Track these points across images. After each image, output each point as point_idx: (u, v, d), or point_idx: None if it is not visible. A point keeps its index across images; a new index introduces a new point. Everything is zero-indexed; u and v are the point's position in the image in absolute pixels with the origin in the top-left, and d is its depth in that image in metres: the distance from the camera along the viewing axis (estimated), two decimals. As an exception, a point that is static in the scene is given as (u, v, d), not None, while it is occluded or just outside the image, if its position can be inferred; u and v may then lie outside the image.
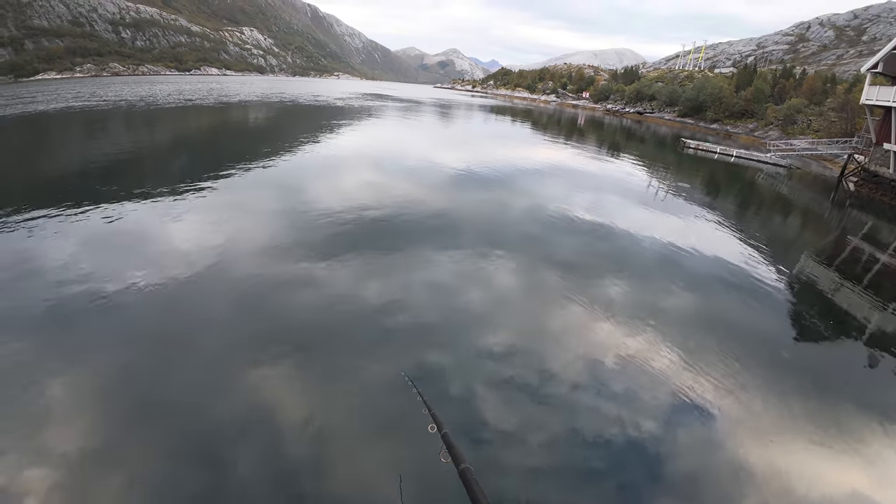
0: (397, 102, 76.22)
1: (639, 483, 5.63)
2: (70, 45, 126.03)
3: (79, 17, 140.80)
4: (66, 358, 6.93)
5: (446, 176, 21.22)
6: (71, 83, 70.52)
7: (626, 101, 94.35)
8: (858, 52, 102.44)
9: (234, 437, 5.69)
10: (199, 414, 6.01)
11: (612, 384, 7.32)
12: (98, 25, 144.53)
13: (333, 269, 10.51)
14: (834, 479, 6.02)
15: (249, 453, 5.44)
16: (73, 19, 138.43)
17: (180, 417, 5.97)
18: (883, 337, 10.33)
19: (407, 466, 5.39)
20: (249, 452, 5.45)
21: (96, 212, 13.05)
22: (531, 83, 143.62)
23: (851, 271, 14.43)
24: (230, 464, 5.31)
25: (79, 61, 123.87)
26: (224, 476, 5.19)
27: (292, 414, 6.12)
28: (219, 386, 6.50)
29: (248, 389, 6.48)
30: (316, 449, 5.63)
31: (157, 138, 26.86)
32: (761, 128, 60.28)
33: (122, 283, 9.08)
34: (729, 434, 6.54)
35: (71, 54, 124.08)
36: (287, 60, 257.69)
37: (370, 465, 5.50)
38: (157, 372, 6.74)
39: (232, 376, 6.71)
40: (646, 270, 12.17)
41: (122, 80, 73.71)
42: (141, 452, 5.40)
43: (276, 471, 5.26)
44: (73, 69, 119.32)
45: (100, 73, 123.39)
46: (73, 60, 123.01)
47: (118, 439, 5.55)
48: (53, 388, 6.27)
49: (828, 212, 23.99)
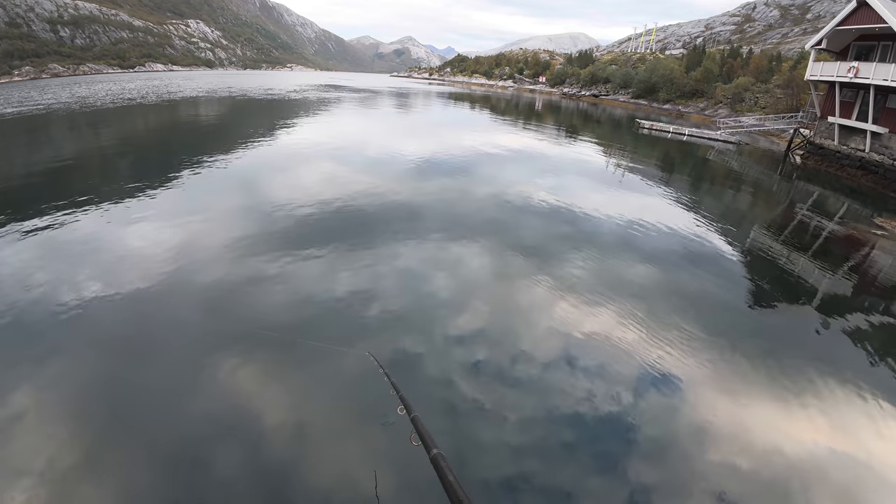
0: (354, 93, 74.76)
1: (612, 451, 5.78)
2: (7, 48, 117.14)
3: (15, 17, 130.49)
4: (29, 370, 6.56)
5: (408, 165, 20.84)
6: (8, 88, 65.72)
7: (581, 85, 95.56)
8: (803, 31, 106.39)
9: (209, 435, 5.61)
10: (173, 416, 5.88)
11: (581, 359, 7.49)
12: (35, 25, 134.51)
13: (299, 263, 10.30)
14: (791, 432, 6.30)
15: (226, 450, 5.38)
16: (9, 21, 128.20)
17: (153, 421, 5.81)
18: (831, 300, 10.73)
19: (380, 452, 5.43)
20: (226, 449, 5.40)
21: (44, 221, 12.10)
22: (488, 69, 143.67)
23: (800, 240, 14.95)
24: (208, 462, 5.24)
25: (17, 64, 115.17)
26: (202, 474, 5.12)
27: (266, 408, 6.06)
28: (190, 386, 6.40)
29: (221, 387, 6.39)
30: (292, 439, 5.61)
31: (103, 141, 25.04)
32: (711, 107, 62.16)
33: (80, 292, 8.62)
34: (693, 397, 6.80)
35: (8, 57, 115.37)
36: (237, 53, 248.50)
37: (344, 452, 5.50)
38: (126, 377, 6.54)
39: (203, 375, 6.60)
40: (607, 249, 12.25)
41: (61, 82, 69.12)
42: (116, 459, 5.26)
43: (253, 464, 5.22)
44: (11, 73, 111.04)
45: (39, 75, 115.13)
46: (11, 64, 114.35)
47: (92, 448, 5.36)
48: (20, 401, 5.97)
49: (776, 184, 24.87)
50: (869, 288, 11.58)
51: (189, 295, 8.76)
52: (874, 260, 13.60)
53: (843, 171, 25.69)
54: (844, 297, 10.92)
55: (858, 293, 11.19)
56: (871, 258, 13.72)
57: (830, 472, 5.72)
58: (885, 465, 5.89)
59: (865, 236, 15.38)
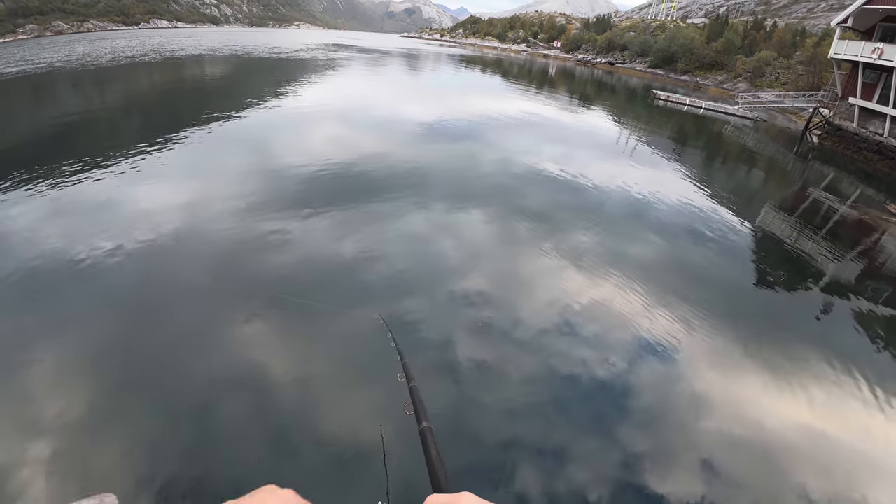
0: (363, 53, 73.04)
1: (609, 414, 6.00)
2: (11, 7, 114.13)
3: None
4: (46, 330, 6.64)
5: (417, 129, 20.57)
6: (12, 46, 64.53)
7: (597, 52, 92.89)
8: (829, 6, 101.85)
9: (221, 391, 5.77)
10: (187, 373, 6.01)
11: (583, 327, 7.65)
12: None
13: (308, 224, 10.38)
14: (784, 409, 6.46)
15: (238, 405, 5.57)
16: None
17: (168, 377, 5.95)
18: (836, 283, 10.70)
19: (381, 415, 5.46)
20: (238, 405, 5.58)
21: (55, 181, 12.08)
22: (501, 32, 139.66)
23: (811, 221, 14.78)
24: (220, 417, 5.41)
25: (21, 22, 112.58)
26: (215, 428, 5.29)
27: (275, 365, 6.22)
28: (203, 344, 6.51)
29: (233, 345, 6.52)
30: (299, 396, 5.80)
31: (110, 101, 24.63)
32: (730, 80, 60.41)
33: (93, 252, 8.68)
34: (690, 369, 6.98)
35: (13, 16, 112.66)
36: (243, 10, 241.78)
37: (347, 411, 5.67)
38: (140, 335, 6.64)
39: (215, 333, 6.72)
40: (614, 220, 12.24)
41: (66, 39, 67.65)
42: (134, 415, 5.40)
43: (262, 418, 5.44)
44: (16, 31, 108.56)
45: (43, 33, 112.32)
46: (16, 22, 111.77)
47: (109, 405, 5.50)
48: (39, 361, 6.07)
49: (791, 164, 24.41)
50: (875, 274, 11.51)
51: (199, 254, 8.84)
52: (883, 246, 13.46)
53: (860, 154, 25.12)
54: (849, 282, 10.87)
55: (864, 279, 11.13)
56: (881, 244, 13.58)
57: (819, 450, 5.88)
58: (874, 446, 6.03)
59: (877, 222, 15.18)
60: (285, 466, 4.93)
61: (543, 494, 4.90)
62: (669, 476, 5.25)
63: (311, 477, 4.91)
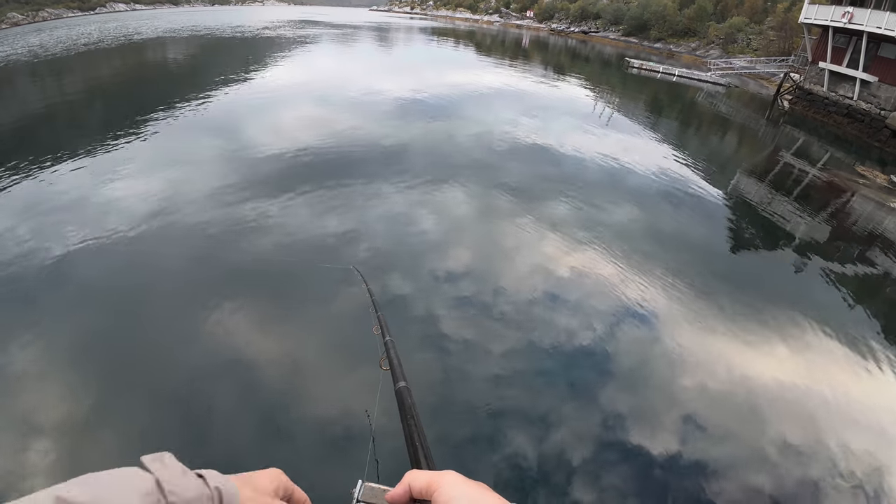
0: (332, 29, 70.76)
1: (591, 378, 6.16)
2: None
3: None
4: (28, 328, 6.47)
5: (391, 106, 20.04)
6: None
7: (571, 21, 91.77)
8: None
9: (209, 375, 5.80)
10: (173, 361, 6.01)
11: (564, 295, 7.76)
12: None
13: (285, 207, 10.15)
14: (759, 365, 6.70)
15: (226, 387, 5.63)
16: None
17: (154, 368, 5.93)
18: (807, 244, 10.98)
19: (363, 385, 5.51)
20: (226, 386, 5.64)
21: (19, 177, 11.42)
22: (473, 3, 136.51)
23: (782, 185, 15.05)
24: (209, 401, 5.46)
25: None
26: (205, 411, 5.34)
27: (261, 346, 6.29)
28: (187, 332, 6.50)
29: (217, 330, 6.52)
30: (286, 377, 5.89)
31: (70, 91, 23.03)
32: (703, 47, 60.48)
33: (68, 247, 8.35)
34: (668, 332, 7.15)
35: None
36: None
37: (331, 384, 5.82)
38: (123, 329, 6.57)
39: (198, 320, 6.68)
40: (591, 189, 12.27)
41: (21, 31, 63.71)
42: (123, 407, 5.38)
43: (251, 398, 5.55)
44: None
45: None
46: None
47: (98, 398, 5.48)
48: (23, 359, 5.97)
49: (762, 129, 24.72)
50: (845, 234, 11.82)
51: (177, 242, 8.67)
52: (853, 207, 13.80)
53: (830, 118, 25.53)
54: (820, 242, 11.15)
55: (834, 239, 11.42)
56: (850, 205, 13.92)
57: (794, 401, 6.10)
58: (845, 395, 6.29)
59: (846, 184, 15.53)
60: (271, 443, 4.93)
61: (530, 460, 4.95)
62: (654, 434, 5.39)
63: (289, 444, 4.95)
